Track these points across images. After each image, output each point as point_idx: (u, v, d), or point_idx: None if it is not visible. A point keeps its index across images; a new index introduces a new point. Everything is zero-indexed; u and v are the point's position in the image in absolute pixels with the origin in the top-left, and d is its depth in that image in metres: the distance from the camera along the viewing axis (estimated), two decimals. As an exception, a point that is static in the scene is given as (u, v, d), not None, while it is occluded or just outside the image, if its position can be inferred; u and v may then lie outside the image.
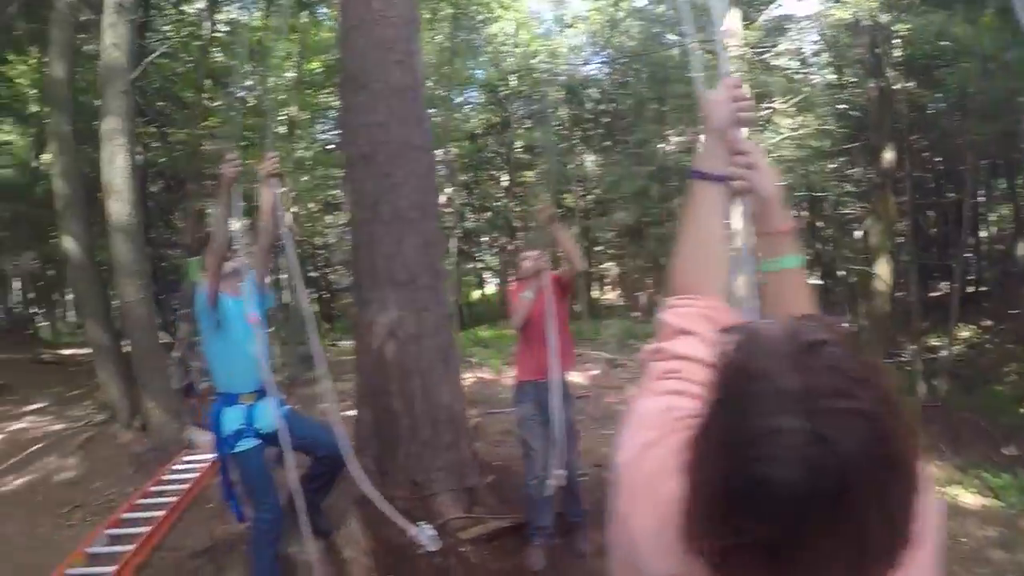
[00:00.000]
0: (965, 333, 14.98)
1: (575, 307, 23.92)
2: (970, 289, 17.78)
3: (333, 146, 17.36)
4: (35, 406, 8.73)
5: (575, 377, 11.22)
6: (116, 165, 6.32)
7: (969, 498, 6.18)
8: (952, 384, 11.86)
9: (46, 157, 15.67)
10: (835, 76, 15.21)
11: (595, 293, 20.97)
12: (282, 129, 13.80)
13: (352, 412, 7.93)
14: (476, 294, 30.30)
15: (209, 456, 6.29)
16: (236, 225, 3.31)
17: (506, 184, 24.45)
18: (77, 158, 7.40)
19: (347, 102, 4.57)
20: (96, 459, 6.61)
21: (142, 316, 6.48)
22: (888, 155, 12.74)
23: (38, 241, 16.54)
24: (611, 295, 28.24)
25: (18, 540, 4.94)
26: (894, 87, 12.52)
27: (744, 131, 1.22)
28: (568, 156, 19.48)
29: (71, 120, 7.32)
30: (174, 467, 6.06)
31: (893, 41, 11.99)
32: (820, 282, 18.15)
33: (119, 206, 6.37)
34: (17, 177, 16.38)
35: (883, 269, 12.94)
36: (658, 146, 16.42)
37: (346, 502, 4.29)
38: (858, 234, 18.49)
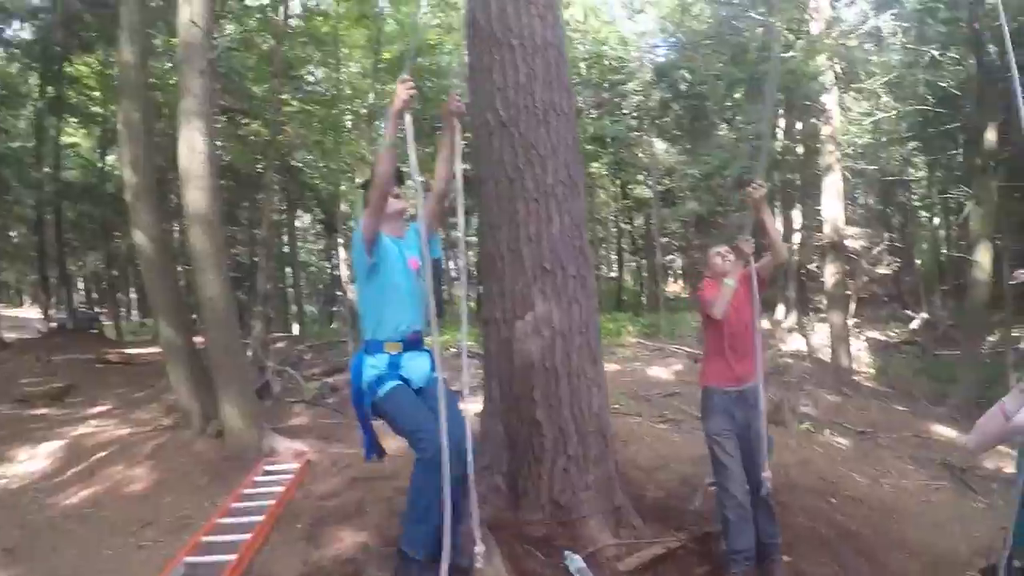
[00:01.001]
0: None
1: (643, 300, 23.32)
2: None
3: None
4: (100, 408, 8.43)
5: (660, 372, 10.79)
6: (195, 150, 5.80)
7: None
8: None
9: (110, 158, 15.65)
10: (936, 53, 13.78)
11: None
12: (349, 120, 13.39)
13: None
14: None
15: (292, 466, 5.75)
16: (410, 160, 2.75)
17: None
18: (147, 148, 6.92)
19: (478, 61, 3.92)
20: (167, 469, 6.07)
21: (222, 312, 5.93)
22: (990, 136, 11.75)
23: (103, 241, 16.56)
24: (675, 287, 27.62)
25: (83, 564, 4.30)
26: (997, 63, 11.51)
27: None
28: (639, 144, 18.87)
29: (142, 107, 6.85)
30: (255, 479, 5.49)
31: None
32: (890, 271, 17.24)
33: (197, 194, 5.84)
34: (83, 178, 16.44)
35: (984, 256, 11.99)
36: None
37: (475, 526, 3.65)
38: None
